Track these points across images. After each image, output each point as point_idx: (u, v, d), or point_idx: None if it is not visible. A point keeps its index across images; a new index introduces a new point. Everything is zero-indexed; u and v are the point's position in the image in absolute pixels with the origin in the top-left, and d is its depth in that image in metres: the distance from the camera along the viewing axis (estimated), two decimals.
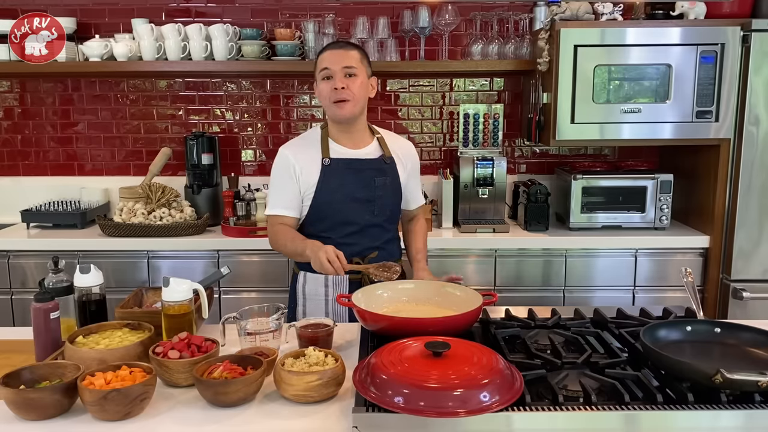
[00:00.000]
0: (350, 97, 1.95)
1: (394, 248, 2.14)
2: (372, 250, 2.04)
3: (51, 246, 2.82)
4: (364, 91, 1.99)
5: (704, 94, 2.76)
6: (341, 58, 1.95)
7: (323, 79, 1.98)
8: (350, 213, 2.01)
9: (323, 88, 1.98)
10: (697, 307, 1.60)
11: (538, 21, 3.08)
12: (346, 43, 2.05)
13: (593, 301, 2.87)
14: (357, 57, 1.98)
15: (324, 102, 2.01)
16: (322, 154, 2.02)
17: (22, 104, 3.37)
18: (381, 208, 2.05)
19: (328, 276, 1.97)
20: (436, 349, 1.26)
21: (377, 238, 2.06)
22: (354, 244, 2.01)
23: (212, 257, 2.86)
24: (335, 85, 1.94)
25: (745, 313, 2.77)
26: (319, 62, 2.00)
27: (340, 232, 2.01)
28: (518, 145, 3.40)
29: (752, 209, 2.77)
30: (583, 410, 1.20)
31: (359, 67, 1.97)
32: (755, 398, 1.22)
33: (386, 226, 2.09)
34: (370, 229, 2.04)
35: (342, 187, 2.00)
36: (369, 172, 2.03)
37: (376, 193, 2.03)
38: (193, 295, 1.61)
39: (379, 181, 2.03)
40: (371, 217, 2.03)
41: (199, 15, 3.27)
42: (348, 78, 1.95)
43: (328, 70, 1.96)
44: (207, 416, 1.29)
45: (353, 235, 2.02)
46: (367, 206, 2.03)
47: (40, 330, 1.52)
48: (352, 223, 2.02)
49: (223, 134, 3.38)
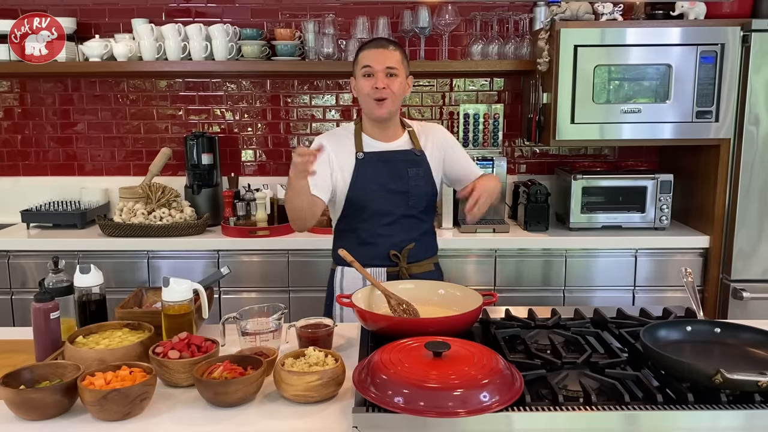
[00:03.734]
0: (390, 96, 1.99)
1: (430, 242, 2.15)
2: (408, 242, 2.05)
3: (51, 246, 2.82)
4: (402, 90, 2.04)
5: (704, 94, 2.76)
6: (384, 58, 1.98)
7: (364, 76, 2.00)
8: (385, 204, 2.04)
9: (364, 85, 2.00)
10: (697, 307, 1.60)
11: (538, 21, 3.08)
12: (388, 41, 2.06)
13: (593, 301, 2.87)
14: (399, 57, 2.01)
15: (362, 98, 2.04)
16: (356, 148, 2.06)
17: (22, 104, 3.37)
18: (416, 199, 2.06)
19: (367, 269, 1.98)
20: (436, 349, 1.26)
21: (413, 229, 2.07)
22: (390, 236, 2.04)
23: (212, 257, 2.86)
24: (376, 84, 1.97)
25: (745, 313, 2.77)
26: (360, 59, 2.02)
27: (375, 224, 2.04)
28: (518, 145, 3.40)
29: (752, 209, 2.77)
30: (583, 410, 1.20)
31: (400, 67, 2.01)
32: (755, 398, 1.22)
33: (422, 218, 2.10)
34: (405, 220, 2.06)
35: (376, 178, 2.03)
36: (401, 163, 2.06)
37: (409, 184, 2.05)
38: (193, 295, 1.61)
39: (412, 172, 2.05)
40: (406, 208, 2.06)
41: (199, 15, 3.27)
42: (389, 78, 1.99)
43: (371, 68, 1.98)
44: (207, 416, 1.29)
45: (389, 227, 2.04)
46: (401, 197, 2.05)
47: (40, 330, 1.52)
48: (388, 214, 2.04)
49: (223, 134, 3.38)
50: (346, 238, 2.09)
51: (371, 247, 2.04)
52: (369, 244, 2.04)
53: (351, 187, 2.03)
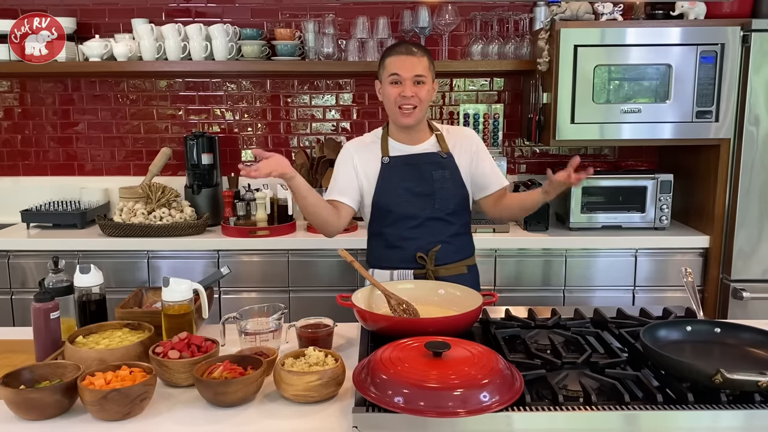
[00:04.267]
0: (418, 104, 1.98)
1: (463, 243, 2.13)
2: (435, 244, 2.04)
3: (51, 246, 2.82)
4: (430, 96, 2.03)
5: (704, 94, 2.76)
6: (412, 65, 1.96)
7: (391, 83, 1.99)
8: (410, 208, 2.03)
9: (391, 92, 1.99)
10: (697, 307, 1.60)
11: (538, 21, 3.08)
12: (416, 47, 2.03)
13: (593, 301, 2.87)
14: (426, 64, 1.99)
15: (389, 105, 2.02)
16: (382, 153, 2.05)
17: (22, 104, 3.37)
18: (442, 201, 2.05)
19: (394, 271, 2.04)
20: (436, 349, 1.26)
21: (440, 232, 2.05)
22: (416, 238, 2.03)
23: (212, 257, 2.86)
24: (404, 93, 1.96)
25: (745, 313, 2.77)
26: (387, 65, 2.00)
27: (401, 227, 2.04)
28: (518, 145, 3.40)
29: (752, 209, 2.77)
30: (583, 410, 1.20)
31: (428, 74, 1.99)
32: (755, 398, 1.22)
33: (450, 220, 2.07)
34: (431, 222, 2.04)
35: (401, 181, 2.02)
36: (427, 166, 2.04)
37: (435, 186, 2.04)
38: (193, 295, 1.61)
39: (437, 175, 2.04)
40: (432, 210, 2.04)
41: (199, 15, 3.27)
42: (416, 86, 1.97)
43: (398, 76, 1.96)
44: (207, 416, 1.29)
45: (414, 230, 2.04)
46: (427, 200, 2.04)
47: (40, 330, 1.52)
48: (413, 218, 2.04)
49: (223, 134, 3.38)
50: (375, 241, 2.12)
51: (398, 251, 2.05)
52: (396, 248, 2.05)
53: (376, 192, 2.04)
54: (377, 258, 2.11)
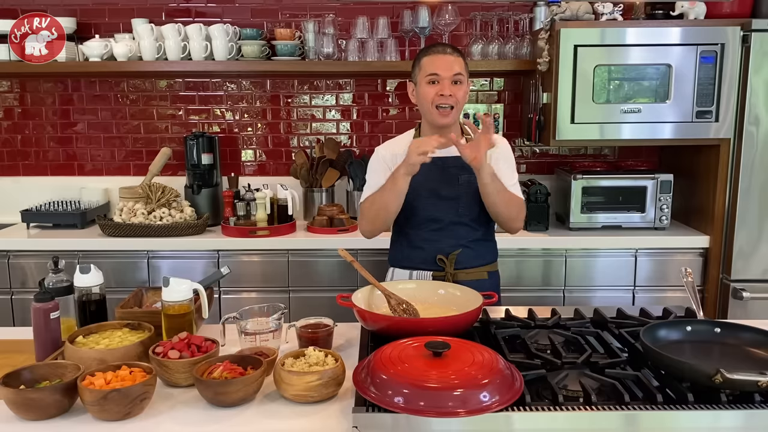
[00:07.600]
0: (455, 103, 1.98)
1: (485, 249, 2.12)
2: (456, 248, 2.04)
3: (51, 246, 2.82)
4: (465, 98, 2.03)
5: (704, 94, 2.76)
6: (450, 65, 1.96)
7: (429, 83, 1.98)
8: (434, 210, 2.04)
9: (428, 92, 1.98)
10: (697, 307, 1.60)
11: (538, 21, 3.08)
12: (452, 48, 2.03)
13: (593, 301, 2.87)
14: (463, 64, 2.00)
15: (425, 105, 2.00)
16: None
17: (22, 104, 3.37)
18: (466, 206, 2.04)
19: (413, 272, 2.06)
20: (436, 349, 1.26)
21: (462, 236, 2.05)
22: (437, 241, 2.04)
23: (212, 257, 2.86)
24: (443, 92, 1.95)
25: (745, 313, 2.77)
26: (424, 65, 1.99)
27: (425, 229, 2.05)
28: (518, 145, 3.40)
29: (752, 209, 2.77)
30: (583, 410, 1.20)
31: (465, 75, 2.00)
32: (755, 398, 1.22)
33: (473, 226, 2.07)
34: (454, 227, 2.05)
35: (427, 183, 2.02)
36: (453, 169, 2.04)
37: (460, 191, 2.03)
38: (193, 295, 1.61)
39: (463, 179, 2.03)
40: (456, 215, 2.04)
41: (199, 15, 3.27)
42: (454, 86, 1.97)
43: (437, 75, 1.96)
44: (207, 416, 1.29)
45: (437, 232, 2.04)
46: (451, 204, 2.04)
47: (40, 330, 1.52)
48: (436, 221, 2.04)
49: (223, 134, 3.38)
50: (399, 241, 2.13)
51: (419, 251, 2.06)
52: (417, 248, 2.06)
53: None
54: (398, 257, 2.12)
